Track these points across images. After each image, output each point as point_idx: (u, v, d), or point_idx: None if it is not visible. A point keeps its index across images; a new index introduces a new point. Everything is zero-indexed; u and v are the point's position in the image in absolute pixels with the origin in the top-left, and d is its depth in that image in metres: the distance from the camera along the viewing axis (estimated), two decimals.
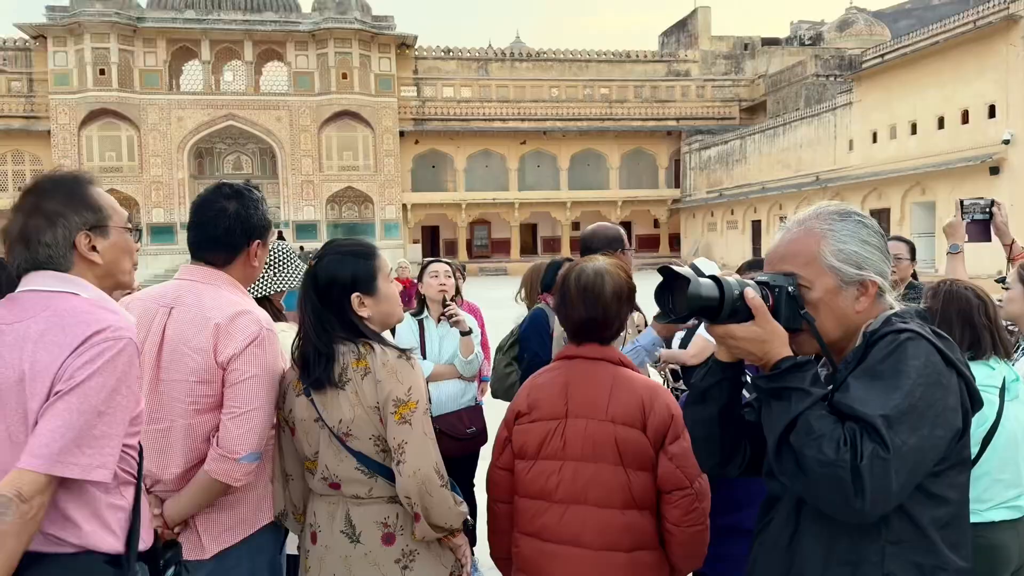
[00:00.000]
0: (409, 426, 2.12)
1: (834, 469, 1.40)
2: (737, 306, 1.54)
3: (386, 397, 2.13)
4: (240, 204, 2.32)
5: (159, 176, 41.29)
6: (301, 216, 42.89)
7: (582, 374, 2.27)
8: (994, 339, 2.68)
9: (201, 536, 2.23)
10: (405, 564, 2.20)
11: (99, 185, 1.97)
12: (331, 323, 2.19)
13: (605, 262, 2.35)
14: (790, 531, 1.64)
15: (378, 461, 2.18)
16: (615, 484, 2.16)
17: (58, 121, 40.11)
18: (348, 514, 2.22)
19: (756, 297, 1.55)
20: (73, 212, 1.85)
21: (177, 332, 2.17)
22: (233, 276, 2.33)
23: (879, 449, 1.40)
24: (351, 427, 2.16)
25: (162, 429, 2.18)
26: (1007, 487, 2.62)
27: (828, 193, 33.14)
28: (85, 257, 1.86)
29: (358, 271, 2.23)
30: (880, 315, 1.64)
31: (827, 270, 1.62)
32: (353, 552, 2.20)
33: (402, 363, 2.17)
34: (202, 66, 42.70)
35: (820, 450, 1.42)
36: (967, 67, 26.35)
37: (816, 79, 40.67)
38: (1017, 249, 3.93)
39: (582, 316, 2.27)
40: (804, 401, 1.48)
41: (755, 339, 1.56)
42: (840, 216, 1.67)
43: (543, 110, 46.97)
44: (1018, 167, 24.34)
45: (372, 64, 43.11)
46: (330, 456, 2.20)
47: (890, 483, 1.41)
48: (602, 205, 46.80)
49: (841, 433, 1.42)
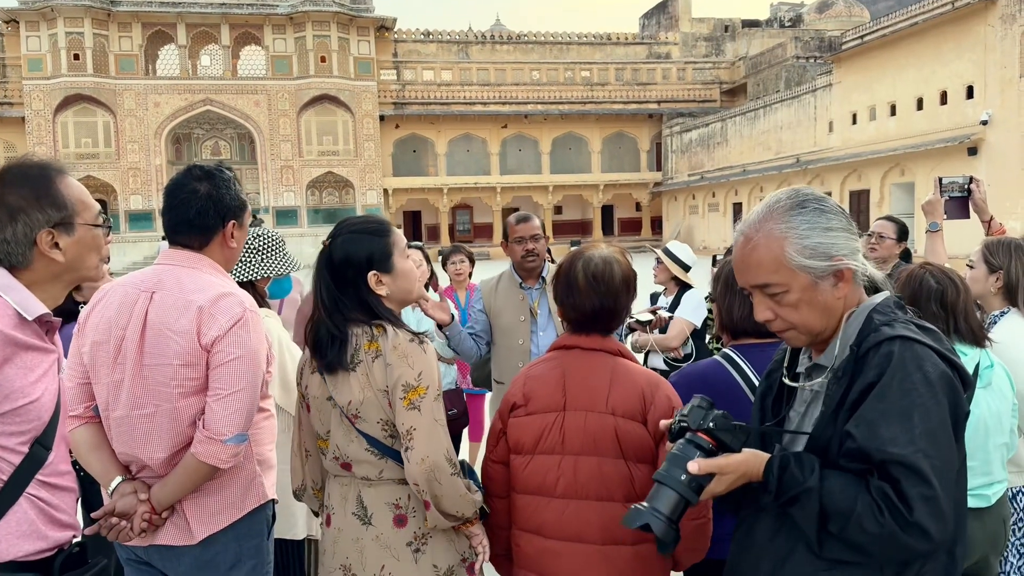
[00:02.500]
0: (418, 412, 2.07)
1: (891, 540, 1.43)
2: (695, 483, 1.56)
3: (395, 382, 2.08)
4: (212, 185, 2.27)
5: (136, 162, 40.85)
6: (281, 202, 42.58)
7: (580, 365, 2.21)
8: (948, 327, 2.59)
9: (189, 521, 2.21)
10: (417, 547, 2.16)
11: (70, 174, 1.92)
12: (345, 305, 2.15)
13: (610, 249, 2.29)
14: (776, 530, 1.65)
15: (386, 444, 2.14)
16: (617, 478, 2.11)
17: (32, 107, 39.54)
18: (360, 496, 2.19)
19: (700, 464, 1.55)
20: (36, 209, 1.81)
21: (159, 316, 2.14)
22: (212, 258, 2.30)
23: (925, 489, 1.42)
24: (360, 409, 2.12)
25: (147, 414, 2.15)
26: (975, 475, 2.57)
27: (808, 175, 33.31)
28: (45, 255, 1.82)
29: (373, 249, 2.18)
30: (861, 309, 1.63)
31: (798, 270, 1.59)
32: (365, 535, 2.16)
33: (414, 347, 2.11)
34: (178, 50, 42.17)
35: (864, 531, 1.45)
36: (946, 48, 26.50)
37: (796, 61, 40.75)
38: (996, 226, 3.96)
39: (594, 306, 2.19)
40: (812, 495, 1.50)
41: (733, 481, 1.58)
42: (796, 209, 1.62)
43: (524, 93, 46.81)
44: (996, 147, 24.56)
45: (351, 47, 42.74)
46: (340, 436, 2.18)
47: (944, 511, 1.44)
48: (584, 189, 46.82)
49: (869, 500, 1.44)
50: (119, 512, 2.15)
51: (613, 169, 48.33)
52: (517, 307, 3.84)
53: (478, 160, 47.06)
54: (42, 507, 1.81)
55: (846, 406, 1.54)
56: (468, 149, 46.98)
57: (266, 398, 2.39)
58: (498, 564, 2.40)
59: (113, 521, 2.14)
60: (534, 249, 3.83)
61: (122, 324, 2.16)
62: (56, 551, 1.82)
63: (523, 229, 3.85)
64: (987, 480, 2.62)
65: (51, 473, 1.83)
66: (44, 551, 1.80)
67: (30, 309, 1.79)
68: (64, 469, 1.89)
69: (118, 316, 2.17)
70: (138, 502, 2.16)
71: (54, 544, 1.82)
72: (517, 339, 3.77)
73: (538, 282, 3.90)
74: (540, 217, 4.09)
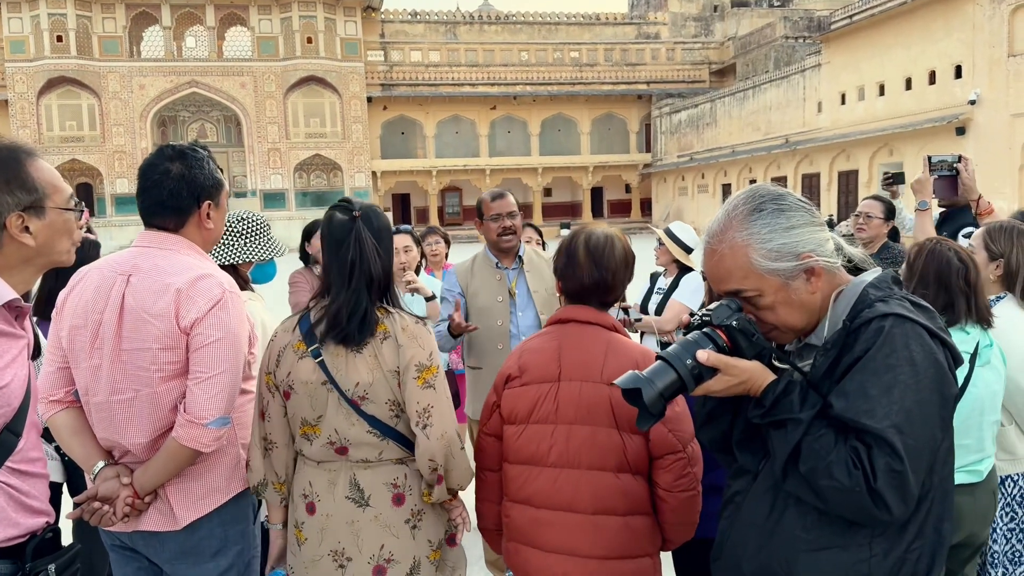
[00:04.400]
0: (433, 390, 2.14)
1: (851, 496, 1.43)
2: (698, 371, 1.55)
3: (408, 362, 2.13)
4: (184, 165, 2.22)
5: (122, 145, 40.50)
6: (268, 185, 42.35)
7: (576, 338, 2.24)
8: (969, 305, 2.66)
9: (173, 506, 2.19)
10: (414, 524, 2.21)
11: (41, 157, 1.88)
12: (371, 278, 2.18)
13: (610, 229, 2.37)
14: (766, 509, 1.64)
15: (390, 426, 2.17)
16: (609, 446, 2.13)
17: (15, 90, 39.09)
18: (354, 479, 2.20)
19: (709, 355, 1.55)
20: (5, 192, 1.78)
21: (137, 300, 2.11)
22: (190, 239, 2.25)
23: (893, 462, 1.42)
24: (368, 391, 2.14)
25: (126, 399, 2.13)
26: (968, 452, 2.63)
27: (797, 156, 33.33)
28: (15, 239, 1.80)
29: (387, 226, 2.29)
30: (854, 285, 1.63)
31: (767, 274, 1.59)
32: (361, 516, 2.18)
33: (421, 328, 2.19)
34: (163, 32, 41.74)
35: (832, 477, 1.44)
36: (934, 27, 26.48)
37: (785, 41, 40.65)
38: (984, 204, 3.96)
39: (593, 278, 2.25)
40: (799, 428, 1.50)
41: (732, 385, 1.57)
42: (754, 213, 1.61)
43: (513, 74, 46.57)
44: (984, 127, 24.61)
45: (337, 28, 42.39)
46: (340, 420, 2.17)
47: (909, 488, 1.44)
48: (573, 171, 46.71)
49: (846, 454, 1.44)
50: (101, 497, 2.13)
51: (603, 151, 48.23)
52: (495, 288, 3.77)
53: (467, 142, 46.86)
54: (12, 494, 1.78)
55: (832, 378, 1.55)
56: (457, 131, 46.77)
57: (249, 379, 2.35)
58: (490, 537, 2.45)
59: (95, 506, 2.12)
60: (511, 226, 3.72)
61: (99, 308, 2.13)
62: (28, 537, 1.80)
63: (499, 206, 3.74)
64: (981, 456, 2.68)
65: (21, 460, 1.80)
66: (15, 538, 1.78)
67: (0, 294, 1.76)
68: (35, 456, 1.86)
69: (95, 300, 2.14)
70: (120, 487, 2.13)
71: (26, 531, 1.80)
72: (496, 320, 3.72)
73: (515, 262, 3.81)
74: (530, 199, 4.05)
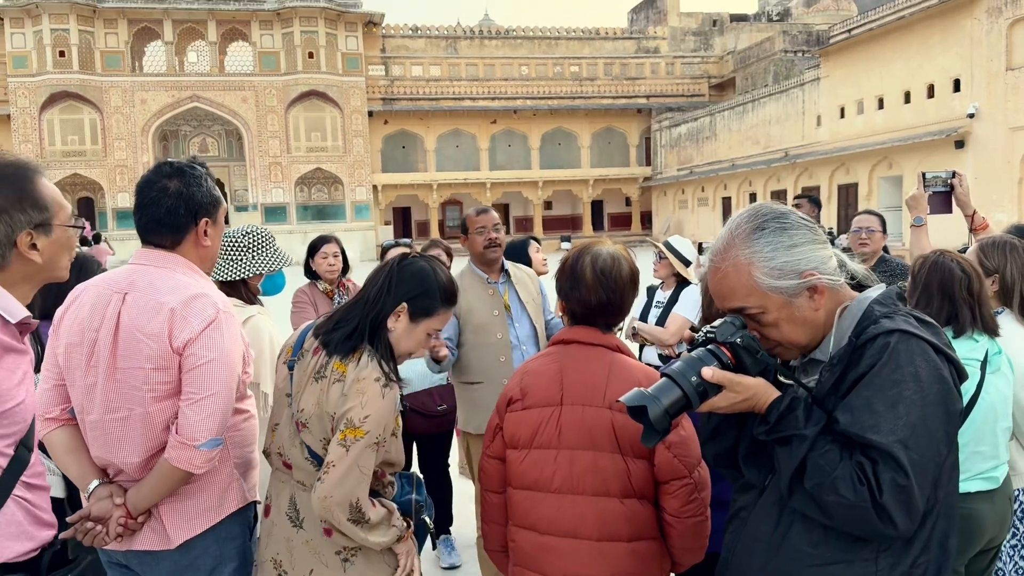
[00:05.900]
0: (345, 452, 2.03)
1: (857, 511, 1.44)
2: (703, 388, 1.55)
3: (342, 413, 2.06)
4: (182, 182, 2.20)
5: (123, 160, 40.58)
6: (270, 199, 42.41)
7: (578, 360, 2.19)
8: (974, 315, 2.68)
9: (166, 526, 2.18)
10: (346, 557, 2.16)
11: (44, 174, 1.90)
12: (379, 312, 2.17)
13: (614, 246, 2.30)
14: (772, 524, 1.64)
15: (323, 458, 2.13)
16: (613, 472, 2.09)
17: (18, 104, 39.22)
18: (294, 498, 2.20)
19: (714, 372, 1.55)
20: (18, 210, 1.79)
21: (131, 318, 2.10)
22: (187, 258, 2.24)
23: (898, 477, 1.42)
24: (308, 420, 2.15)
25: (120, 418, 2.12)
26: (984, 459, 2.65)
27: (797, 169, 33.38)
28: (24, 256, 1.81)
29: (428, 288, 2.23)
30: (859, 301, 1.63)
31: (770, 292, 1.60)
32: (296, 537, 2.18)
33: (375, 387, 2.06)
34: (165, 47, 41.90)
35: (837, 493, 1.44)
36: (933, 41, 26.57)
37: (784, 55, 40.79)
38: (979, 220, 3.97)
39: (601, 300, 2.19)
40: (804, 444, 1.50)
41: (737, 402, 1.57)
42: (756, 232, 1.62)
43: (513, 88, 46.72)
44: (983, 140, 24.65)
45: (339, 43, 42.55)
46: (287, 436, 2.20)
47: (915, 503, 1.44)
48: (573, 184, 46.78)
49: (851, 469, 1.45)
50: (94, 516, 2.11)
51: (603, 164, 48.29)
52: (488, 302, 3.85)
53: (468, 156, 46.96)
54: (27, 507, 1.82)
55: (838, 394, 1.55)
56: (457, 145, 46.87)
57: (244, 399, 2.35)
58: (496, 559, 2.41)
59: (88, 525, 2.11)
60: (496, 239, 3.90)
61: (95, 326, 2.13)
62: (40, 550, 1.84)
63: (484, 219, 3.93)
64: (996, 463, 2.69)
65: (32, 474, 1.84)
66: (31, 551, 1.81)
67: (13, 312, 1.78)
68: (39, 469, 1.89)
69: (91, 318, 2.14)
70: (113, 506, 2.12)
71: (39, 543, 1.84)
72: (495, 334, 3.77)
73: (501, 275, 3.96)
74: (531, 212, 4.16)
